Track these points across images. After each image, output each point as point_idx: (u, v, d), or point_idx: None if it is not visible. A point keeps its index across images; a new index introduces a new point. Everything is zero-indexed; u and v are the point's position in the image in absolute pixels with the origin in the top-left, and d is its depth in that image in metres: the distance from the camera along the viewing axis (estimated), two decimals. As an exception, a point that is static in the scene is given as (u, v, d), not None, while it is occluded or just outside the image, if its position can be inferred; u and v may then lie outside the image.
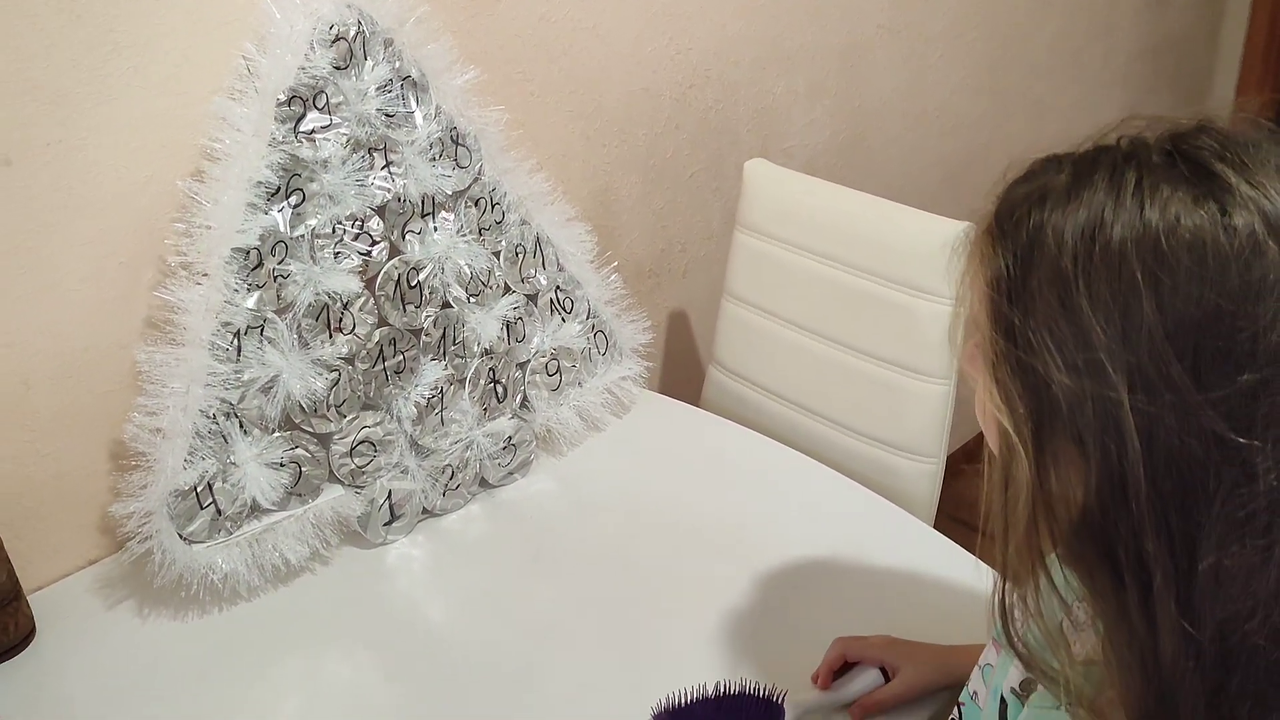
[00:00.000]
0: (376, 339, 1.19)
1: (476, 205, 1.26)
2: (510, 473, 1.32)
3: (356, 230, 1.16)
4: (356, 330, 1.18)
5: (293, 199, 1.12)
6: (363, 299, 1.18)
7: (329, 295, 1.15)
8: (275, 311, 1.12)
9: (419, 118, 1.19)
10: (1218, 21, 3.06)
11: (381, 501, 1.21)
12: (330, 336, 1.16)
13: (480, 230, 1.27)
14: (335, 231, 1.15)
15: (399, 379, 1.22)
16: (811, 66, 1.86)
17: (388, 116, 1.17)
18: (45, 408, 1.12)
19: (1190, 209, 0.56)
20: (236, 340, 1.09)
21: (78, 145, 1.06)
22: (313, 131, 1.11)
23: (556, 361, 1.36)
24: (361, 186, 1.16)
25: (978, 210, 0.66)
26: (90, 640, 1.09)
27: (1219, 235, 0.55)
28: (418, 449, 1.25)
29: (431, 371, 1.25)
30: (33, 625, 1.09)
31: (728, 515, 1.25)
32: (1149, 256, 0.55)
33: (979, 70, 2.26)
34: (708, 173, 1.75)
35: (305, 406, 1.15)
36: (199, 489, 1.09)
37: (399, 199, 1.19)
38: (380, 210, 1.18)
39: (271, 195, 1.10)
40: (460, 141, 1.23)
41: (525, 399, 1.35)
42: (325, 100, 1.12)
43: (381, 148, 1.18)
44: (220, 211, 1.07)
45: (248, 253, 1.09)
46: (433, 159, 1.21)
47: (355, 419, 1.19)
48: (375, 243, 1.18)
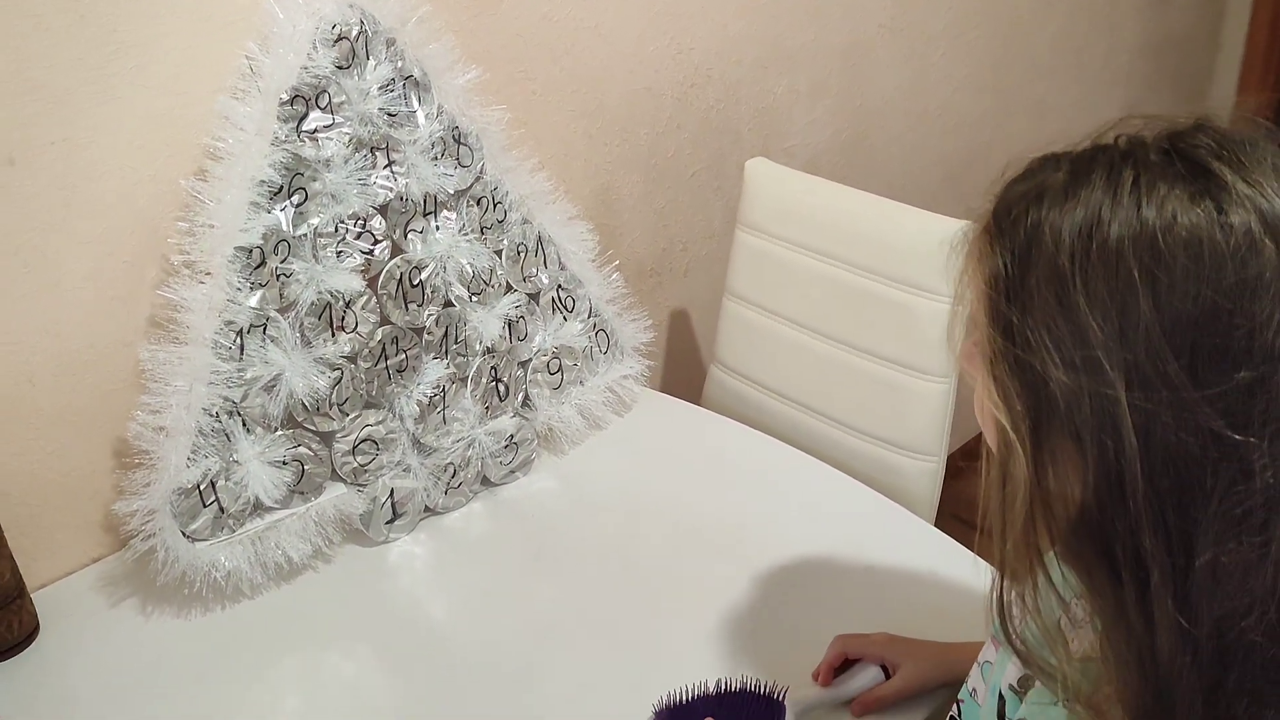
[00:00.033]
0: (379, 337, 1.20)
1: (478, 204, 1.27)
2: (512, 471, 1.33)
3: (359, 229, 1.17)
4: (359, 329, 1.18)
5: (295, 198, 1.12)
6: (365, 297, 1.18)
7: (331, 294, 1.15)
8: (278, 310, 1.12)
9: (421, 117, 1.20)
10: (1219, 20, 3.05)
11: (384, 499, 1.21)
12: (333, 335, 1.16)
13: (482, 229, 1.28)
14: (338, 230, 1.15)
15: (401, 377, 1.23)
16: (813, 66, 1.86)
17: (390, 116, 1.17)
18: (49, 406, 1.12)
19: (1187, 207, 0.56)
20: (239, 339, 1.10)
21: (81, 144, 1.06)
22: (315, 131, 1.12)
23: (558, 360, 1.36)
24: (364, 185, 1.16)
25: (978, 209, 0.66)
26: (93, 638, 1.09)
27: (1215, 233, 0.55)
28: (420, 447, 1.25)
29: (434, 370, 1.25)
30: (36, 623, 1.09)
31: (729, 514, 1.25)
32: (1146, 254, 0.56)
33: (981, 69, 2.26)
34: (709, 172, 1.75)
35: (308, 405, 1.15)
36: (202, 487, 1.10)
37: (401, 198, 1.19)
38: (382, 209, 1.19)
39: (274, 194, 1.10)
40: (462, 140, 1.24)
41: (527, 397, 1.35)
42: (328, 99, 1.12)
43: (384, 147, 1.18)
44: (223, 210, 1.08)
45: (250, 251, 1.09)
46: (435, 158, 1.21)
47: (357, 417, 1.20)
48: (377, 241, 1.18)
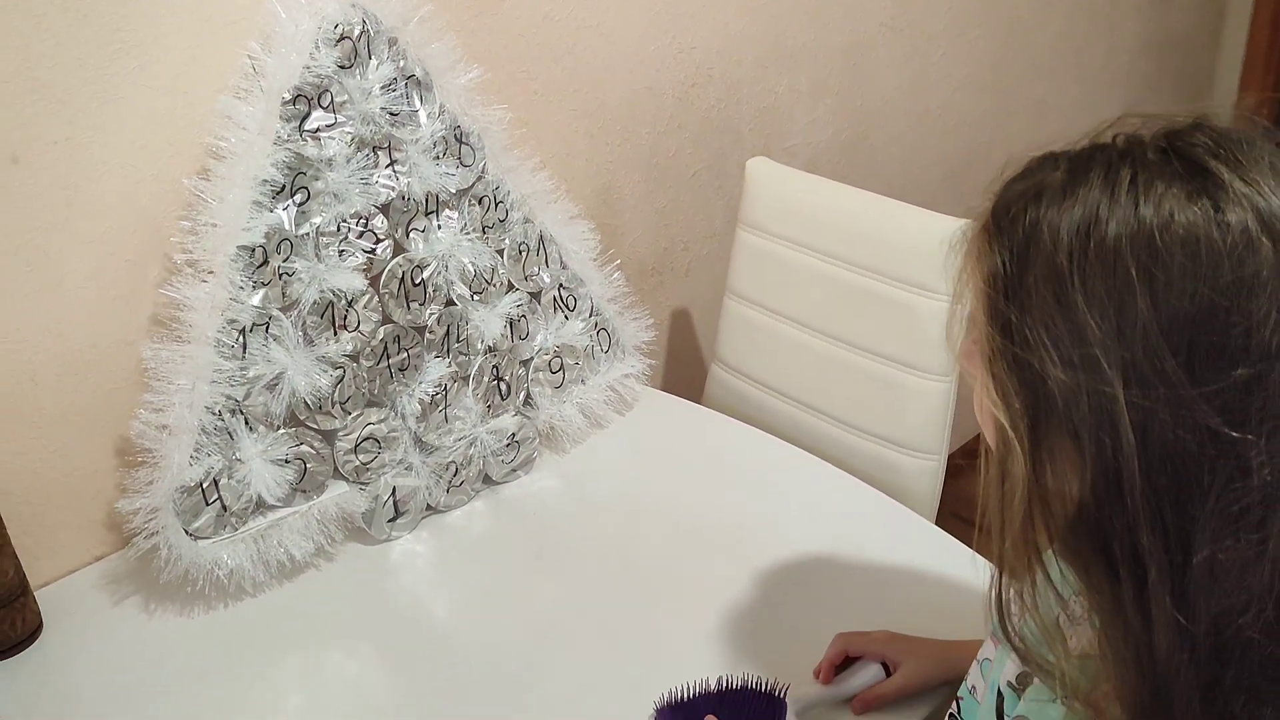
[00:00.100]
0: (381, 336, 1.20)
1: (480, 203, 1.27)
2: (514, 469, 1.33)
3: (361, 228, 1.17)
4: (361, 327, 1.18)
5: (298, 197, 1.12)
6: (367, 296, 1.18)
7: (334, 293, 1.15)
8: (280, 309, 1.13)
9: (423, 116, 1.20)
10: (1220, 20, 3.05)
11: (386, 498, 1.21)
12: (335, 334, 1.17)
13: (484, 228, 1.28)
14: (340, 229, 1.16)
15: (403, 376, 1.23)
16: (814, 65, 1.86)
17: (392, 115, 1.17)
18: (51, 404, 1.12)
19: (1184, 206, 0.56)
20: (242, 337, 1.10)
21: (84, 144, 1.07)
22: (318, 130, 1.12)
23: (560, 359, 1.37)
24: (366, 184, 1.17)
25: (978, 208, 0.66)
26: (96, 636, 1.09)
27: (1212, 231, 0.55)
28: (422, 446, 1.26)
29: (435, 369, 1.25)
30: (39, 621, 1.09)
31: (730, 512, 1.25)
32: (1143, 253, 0.56)
33: (981, 69, 2.26)
34: (710, 171, 1.76)
35: (310, 403, 1.16)
36: (204, 485, 1.10)
37: (403, 197, 1.20)
38: (384, 208, 1.19)
39: (277, 193, 1.11)
40: (464, 140, 1.24)
41: (528, 396, 1.36)
42: (330, 99, 1.12)
43: (386, 146, 1.18)
44: (226, 209, 1.08)
45: (253, 250, 1.09)
46: (436, 157, 1.22)
47: (360, 416, 1.20)
48: (379, 240, 1.19)
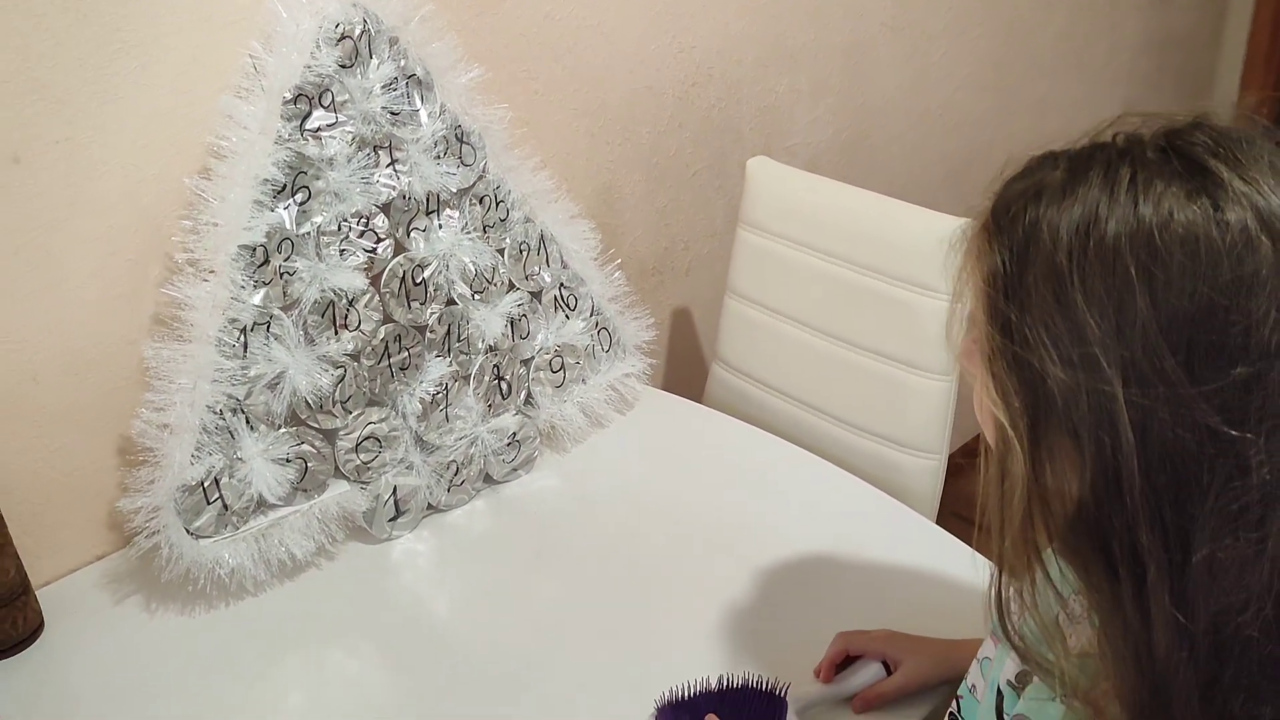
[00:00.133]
0: (382, 335, 1.20)
1: (481, 203, 1.27)
2: (514, 469, 1.33)
3: (362, 227, 1.17)
4: (362, 327, 1.18)
5: (299, 196, 1.12)
6: (368, 296, 1.18)
7: (335, 292, 1.15)
8: (281, 308, 1.13)
9: (424, 116, 1.20)
10: (1221, 19, 3.05)
11: (386, 497, 1.21)
12: (336, 333, 1.17)
13: (485, 227, 1.28)
14: (341, 229, 1.16)
15: (404, 375, 1.23)
16: (814, 64, 1.86)
17: (393, 114, 1.17)
18: (53, 404, 1.12)
19: (1183, 204, 0.56)
20: (243, 336, 1.10)
21: (85, 143, 1.07)
22: (319, 129, 1.12)
23: (560, 358, 1.37)
24: (367, 184, 1.17)
25: (978, 207, 0.66)
26: (98, 635, 1.09)
27: (1211, 230, 0.55)
28: (423, 445, 1.26)
29: (436, 368, 1.26)
30: (41, 620, 1.10)
31: (730, 511, 1.25)
32: (1143, 251, 0.56)
33: (982, 68, 2.26)
34: (711, 170, 1.76)
35: (311, 402, 1.16)
36: (206, 484, 1.10)
37: (404, 196, 1.20)
38: (385, 207, 1.19)
39: (278, 193, 1.11)
40: (465, 139, 1.24)
41: (529, 395, 1.36)
42: (331, 98, 1.12)
43: (387, 145, 1.18)
44: (227, 209, 1.08)
45: (254, 250, 1.10)
46: (437, 157, 1.22)
47: (361, 415, 1.20)
48: (380, 240, 1.19)
